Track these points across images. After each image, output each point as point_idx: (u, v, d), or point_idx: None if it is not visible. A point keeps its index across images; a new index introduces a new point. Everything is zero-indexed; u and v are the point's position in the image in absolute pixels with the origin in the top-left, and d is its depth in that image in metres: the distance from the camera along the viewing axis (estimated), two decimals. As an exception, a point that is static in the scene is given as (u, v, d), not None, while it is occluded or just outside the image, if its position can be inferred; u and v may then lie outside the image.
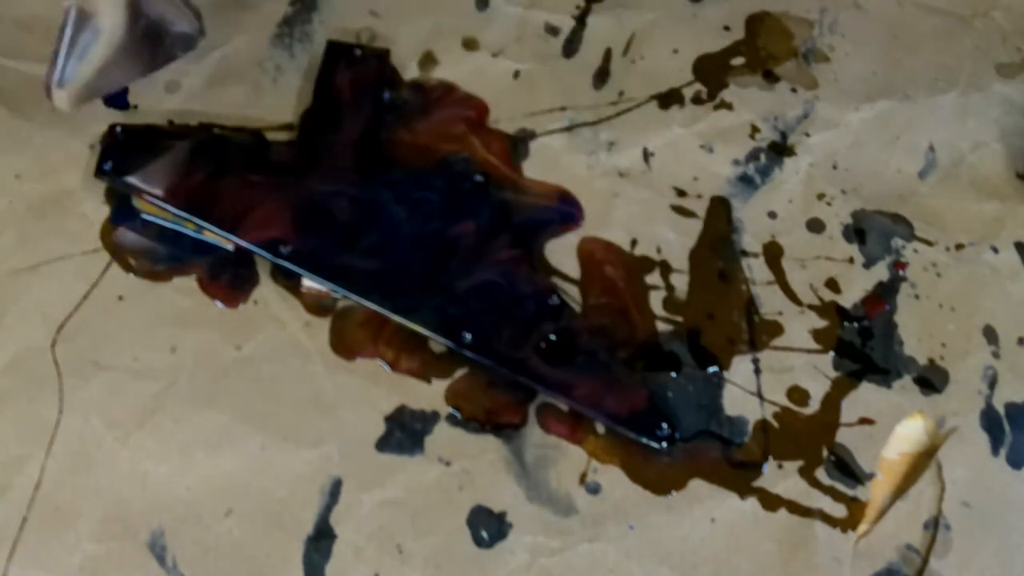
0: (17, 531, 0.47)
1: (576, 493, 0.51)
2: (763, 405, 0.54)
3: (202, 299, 0.53)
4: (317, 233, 0.54)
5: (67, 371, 0.51)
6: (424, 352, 0.53)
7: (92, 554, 0.47)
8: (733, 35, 0.66)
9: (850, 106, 0.64)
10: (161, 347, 0.52)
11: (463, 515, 0.50)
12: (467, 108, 0.60)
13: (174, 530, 0.48)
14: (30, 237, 0.54)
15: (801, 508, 0.52)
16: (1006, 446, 0.55)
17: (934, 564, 0.52)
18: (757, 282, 0.58)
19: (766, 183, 0.61)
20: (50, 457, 0.49)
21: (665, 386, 0.54)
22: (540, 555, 0.50)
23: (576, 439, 0.52)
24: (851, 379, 0.56)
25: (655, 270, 0.57)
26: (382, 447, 0.51)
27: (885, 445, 0.54)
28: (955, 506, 0.53)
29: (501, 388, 0.53)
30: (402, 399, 0.52)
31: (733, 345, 0.56)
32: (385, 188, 0.56)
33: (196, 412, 0.51)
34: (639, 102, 0.63)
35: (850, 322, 0.57)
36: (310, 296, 0.54)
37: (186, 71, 0.59)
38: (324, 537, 0.49)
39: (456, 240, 0.55)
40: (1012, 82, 0.67)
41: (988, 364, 0.57)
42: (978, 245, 0.61)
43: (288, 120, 0.58)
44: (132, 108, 0.58)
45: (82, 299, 0.52)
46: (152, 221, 0.55)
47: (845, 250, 0.59)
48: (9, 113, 0.56)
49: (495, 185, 0.58)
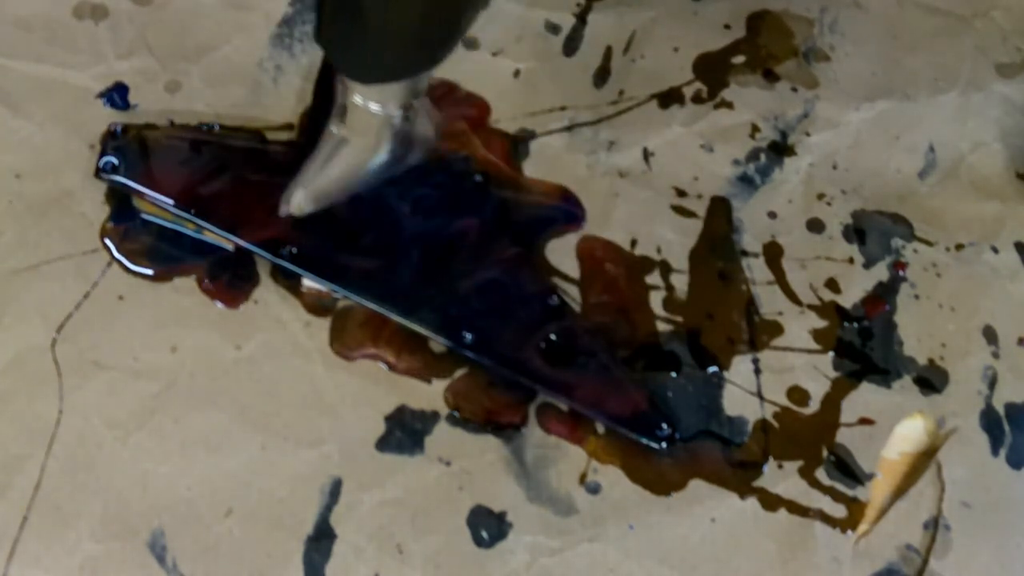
0: (17, 531, 0.47)
1: (576, 493, 0.51)
2: (763, 405, 0.54)
3: (202, 299, 0.53)
4: (317, 233, 0.54)
5: (67, 371, 0.51)
6: (424, 352, 0.53)
7: (92, 554, 0.47)
8: (734, 34, 0.66)
9: (850, 106, 0.64)
10: (161, 347, 0.52)
11: (463, 515, 0.50)
12: (468, 107, 0.60)
13: (174, 530, 0.48)
14: (30, 237, 0.53)
15: (801, 508, 0.52)
16: (1006, 446, 0.55)
17: (934, 564, 0.52)
18: (757, 282, 0.58)
19: (766, 183, 0.61)
20: (50, 457, 0.49)
21: (665, 386, 0.54)
22: (540, 555, 0.50)
23: (576, 439, 0.52)
24: (851, 379, 0.56)
25: (655, 270, 0.57)
26: (382, 447, 0.51)
27: (885, 445, 0.54)
28: (955, 506, 0.53)
29: (501, 388, 0.53)
30: (402, 399, 0.52)
31: (733, 345, 0.56)
32: (385, 187, 0.56)
33: (196, 412, 0.51)
34: (639, 101, 0.63)
35: (850, 322, 0.57)
36: (310, 296, 0.54)
37: (186, 71, 0.59)
38: (324, 537, 0.49)
39: (457, 240, 0.55)
40: (1012, 82, 0.67)
41: (988, 364, 0.57)
42: (978, 245, 0.61)
43: (288, 120, 0.58)
44: (132, 108, 0.57)
45: (82, 299, 0.52)
46: (152, 221, 0.54)
47: (845, 250, 0.59)
48: (9, 113, 0.56)
49: (495, 184, 0.58)
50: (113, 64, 0.58)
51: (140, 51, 0.59)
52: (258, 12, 0.61)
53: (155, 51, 0.59)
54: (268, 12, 0.61)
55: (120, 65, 0.58)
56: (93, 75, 0.58)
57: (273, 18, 0.61)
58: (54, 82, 0.57)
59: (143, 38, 0.59)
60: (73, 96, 0.57)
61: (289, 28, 0.61)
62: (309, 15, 0.62)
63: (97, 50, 0.59)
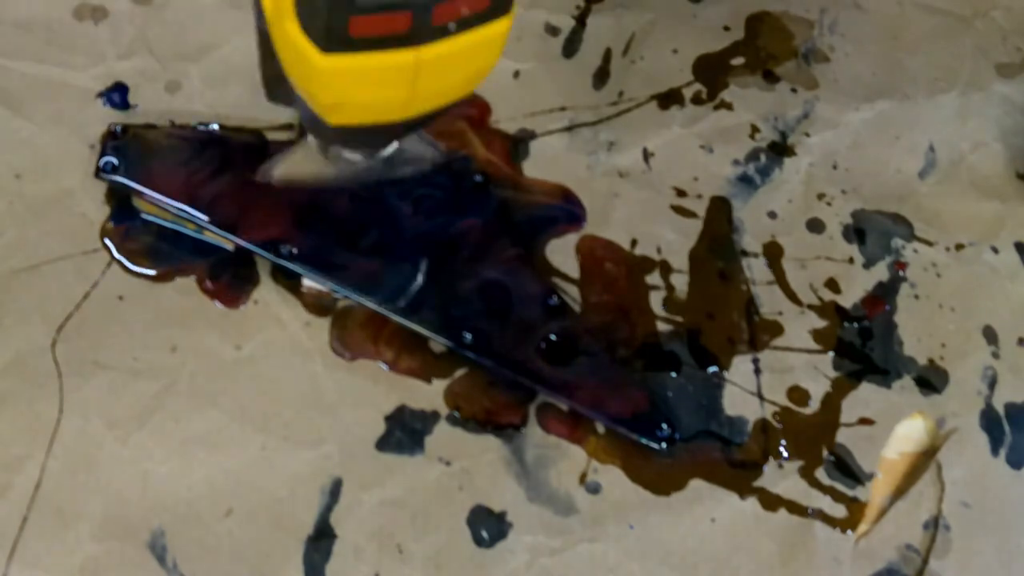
0: (17, 531, 0.47)
1: (576, 493, 0.51)
2: (763, 405, 0.55)
3: (202, 299, 0.53)
4: (317, 232, 0.54)
5: (67, 371, 0.51)
6: (424, 352, 0.54)
7: (92, 554, 0.47)
8: (733, 35, 0.66)
9: (850, 106, 0.64)
10: (161, 347, 0.52)
11: (463, 515, 0.50)
12: (468, 107, 0.60)
13: (174, 530, 0.48)
14: (30, 237, 0.53)
15: (801, 508, 0.52)
16: (1006, 446, 0.55)
17: (934, 564, 0.52)
18: (757, 282, 0.58)
19: (766, 183, 0.61)
20: (50, 457, 0.49)
21: (665, 386, 0.54)
22: (540, 555, 0.50)
23: (576, 439, 0.52)
24: (851, 379, 0.56)
25: (655, 270, 0.57)
26: (382, 447, 0.51)
27: (885, 445, 0.54)
28: (955, 506, 0.53)
29: (501, 388, 0.53)
30: (402, 399, 0.52)
31: (733, 345, 0.56)
32: (386, 186, 0.56)
33: (196, 412, 0.51)
34: (639, 102, 0.63)
35: (850, 322, 0.57)
36: (310, 296, 0.54)
37: (186, 71, 0.59)
38: (324, 537, 0.49)
39: (457, 240, 0.55)
40: (1012, 82, 0.67)
41: (988, 364, 0.57)
42: (978, 245, 0.61)
43: (288, 120, 0.58)
44: (132, 108, 0.58)
45: (82, 299, 0.52)
46: (152, 221, 0.55)
47: (845, 250, 0.60)
48: (9, 113, 0.56)
49: (496, 184, 0.58)
50: (113, 64, 0.58)
51: (140, 51, 0.59)
52: (258, 12, 0.61)
53: (155, 51, 0.59)
54: (268, 12, 0.61)
55: (120, 65, 0.58)
56: (93, 75, 0.58)
57: (273, 18, 0.61)
58: (54, 82, 0.57)
59: (143, 38, 0.59)
60: (73, 96, 0.57)
61: (289, 28, 0.61)
62: (309, 15, 0.62)
63: (97, 50, 0.59)
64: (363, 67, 0.35)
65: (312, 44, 0.35)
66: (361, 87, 0.37)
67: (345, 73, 0.36)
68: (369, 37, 0.34)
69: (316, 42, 0.35)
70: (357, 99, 0.38)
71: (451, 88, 0.39)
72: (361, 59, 0.35)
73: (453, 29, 0.36)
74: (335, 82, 0.36)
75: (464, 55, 0.37)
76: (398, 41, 0.35)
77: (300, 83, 0.38)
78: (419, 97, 0.38)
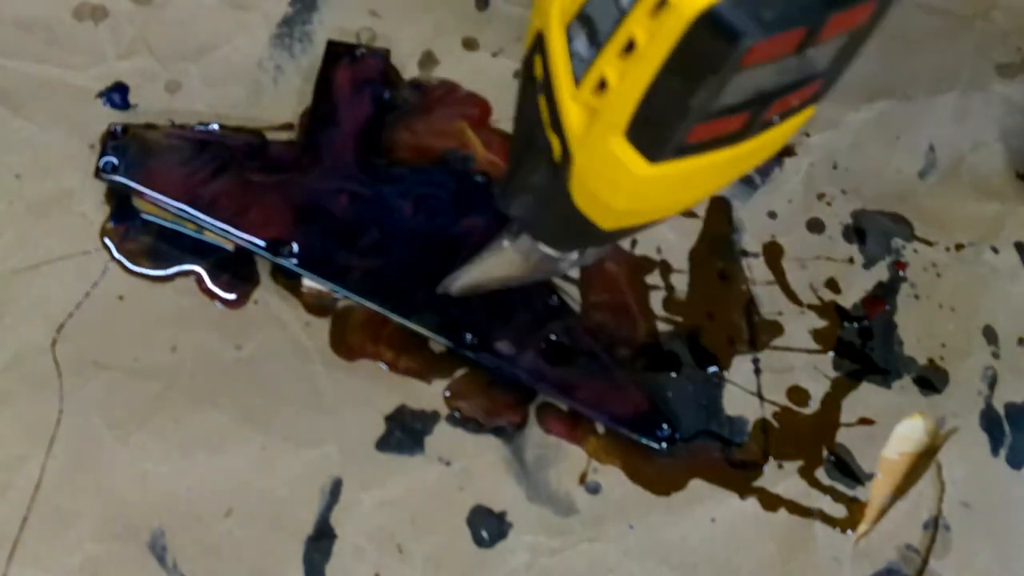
0: (17, 531, 0.47)
1: (576, 493, 0.51)
2: (763, 405, 0.55)
3: (202, 299, 0.53)
4: (318, 232, 0.54)
5: (67, 371, 0.51)
6: (424, 352, 0.54)
7: (92, 554, 0.47)
8: (733, 35, 0.66)
9: (850, 106, 0.64)
10: (161, 347, 0.52)
11: (463, 515, 0.50)
12: (469, 107, 0.60)
13: (174, 530, 0.48)
14: (30, 237, 0.53)
15: (801, 508, 0.52)
16: (1006, 446, 0.55)
17: (934, 564, 0.52)
18: (757, 282, 0.58)
19: (766, 183, 0.61)
20: (50, 457, 0.49)
21: (665, 386, 0.54)
22: (540, 555, 0.50)
23: (576, 439, 0.52)
24: (851, 379, 0.56)
25: (655, 270, 0.57)
26: (382, 447, 0.51)
27: (885, 445, 0.54)
28: (955, 506, 0.53)
29: (501, 388, 0.53)
30: (402, 399, 0.52)
31: (733, 345, 0.56)
32: (386, 186, 0.56)
33: (196, 412, 0.51)
34: (639, 102, 0.63)
35: (850, 322, 0.57)
36: (310, 296, 0.54)
37: (186, 71, 0.59)
38: (324, 537, 0.49)
39: (458, 240, 0.55)
40: (1012, 82, 0.67)
41: (988, 364, 0.57)
42: (978, 245, 0.61)
43: (288, 120, 0.58)
44: (132, 108, 0.58)
45: (82, 299, 0.52)
46: (152, 221, 0.54)
47: (845, 250, 0.59)
48: (9, 113, 0.56)
49: (496, 184, 0.58)
50: (113, 64, 0.58)
51: (140, 51, 0.59)
52: (258, 12, 0.61)
53: (155, 51, 0.59)
54: (268, 12, 0.61)
55: (120, 65, 0.58)
56: (93, 75, 0.58)
57: (273, 18, 0.61)
58: (54, 82, 0.57)
59: (143, 38, 0.59)
60: (73, 96, 0.57)
61: (289, 28, 0.61)
62: (309, 15, 0.62)
63: (97, 50, 0.59)
64: (685, 171, 0.33)
65: (639, 154, 0.32)
66: (677, 190, 0.35)
67: (663, 179, 0.33)
68: (702, 142, 0.32)
69: (645, 152, 0.32)
70: (662, 202, 0.36)
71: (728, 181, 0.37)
72: (686, 164, 0.32)
73: (777, 121, 0.33)
74: (650, 189, 0.34)
75: (770, 145, 0.35)
76: (725, 141, 0.32)
77: (598, 191, 0.36)
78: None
